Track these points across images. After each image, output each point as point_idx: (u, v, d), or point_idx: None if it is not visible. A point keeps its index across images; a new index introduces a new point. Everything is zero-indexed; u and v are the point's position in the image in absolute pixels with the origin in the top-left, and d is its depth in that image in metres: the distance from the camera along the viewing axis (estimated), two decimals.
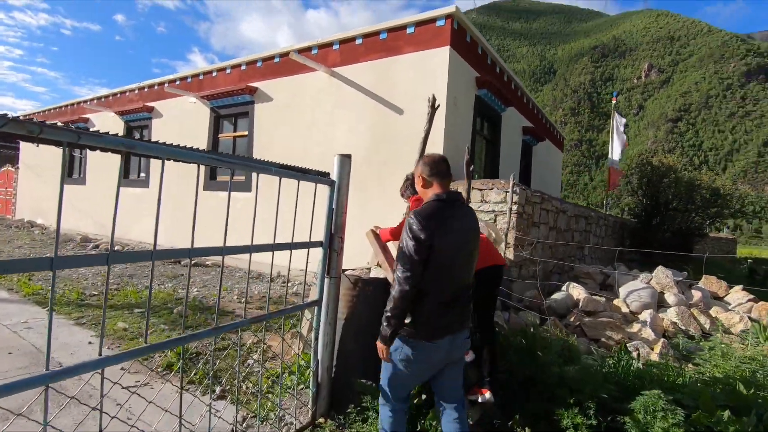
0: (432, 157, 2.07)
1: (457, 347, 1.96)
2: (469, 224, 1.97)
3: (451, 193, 1.98)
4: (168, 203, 10.11)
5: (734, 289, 5.20)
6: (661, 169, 10.36)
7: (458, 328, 1.93)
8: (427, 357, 1.90)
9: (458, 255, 1.90)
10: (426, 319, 1.87)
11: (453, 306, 1.90)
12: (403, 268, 1.81)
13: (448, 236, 1.86)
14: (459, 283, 1.92)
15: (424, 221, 1.83)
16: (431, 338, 1.87)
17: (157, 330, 4.12)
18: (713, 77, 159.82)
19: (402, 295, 1.80)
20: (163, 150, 1.47)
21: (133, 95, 11.78)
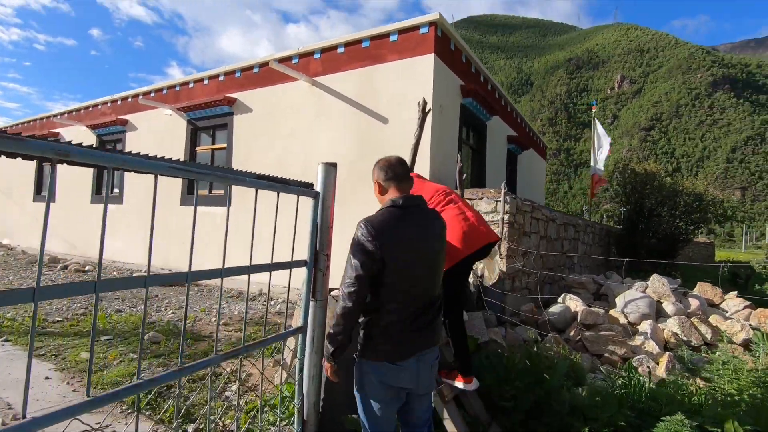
0: (387, 160, 1.87)
1: (426, 369, 1.74)
2: (431, 231, 1.75)
3: (410, 198, 1.76)
4: (142, 220, 9.65)
5: (729, 295, 5.11)
6: (643, 176, 10.44)
7: (424, 347, 1.71)
8: (394, 380, 1.68)
9: (419, 267, 1.69)
10: (387, 338, 1.67)
11: (416, 323, 1.68)
12: (347, 282, 1.63)
13: (404, 247, 1.65)
14: (422, 298, 1.71)
15: (374, 231, 1.63)
16: (394, 359, 1.66)
17: (125, 360, 3.76)
18: (682, 87, 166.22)
19: (343, 312, 1.64)
20: (108, 158, 1.21)
21: (106, 108, 11.33)
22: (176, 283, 8.34)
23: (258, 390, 3.16)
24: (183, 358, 1.61)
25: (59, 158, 1.10)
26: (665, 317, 4.42)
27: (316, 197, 2.23)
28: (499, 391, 2.40)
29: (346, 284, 1.65)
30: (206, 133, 9.21)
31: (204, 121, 8.98)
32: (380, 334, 1.68)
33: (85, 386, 3.04)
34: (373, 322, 1.70)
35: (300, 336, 2.22)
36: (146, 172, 1.37)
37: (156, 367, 3.61)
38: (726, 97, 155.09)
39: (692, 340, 3.95)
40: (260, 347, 1.92)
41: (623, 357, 3.53)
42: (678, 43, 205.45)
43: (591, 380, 2.94)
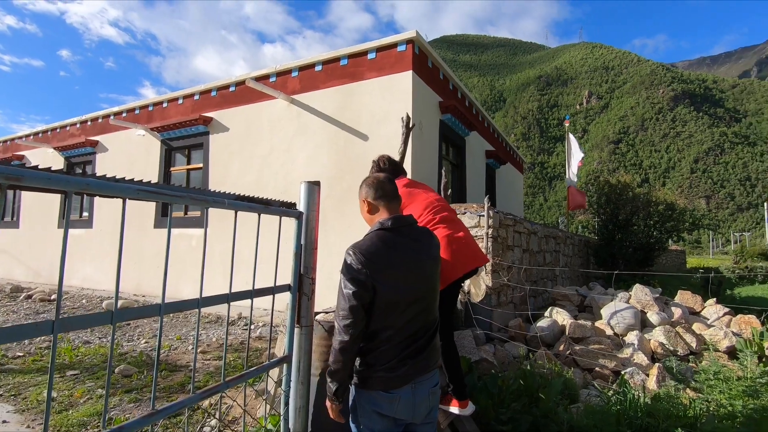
0: (376, 177, 1.78)
1: (424, 397, 1.62)
2: (425, 253, 1.66)
3: (400, 218, 1.67)
4: (114, 244, 9.25)
5: (709, 302, 5.20)
6: (618, 187, 10.72)
7: (421, 373, 1.61)
8: (390, 410, 1.56)
9: (413, 291, 1.59)
10: (381, 366, 1.57)
11: (411, 348, 1.59)
12: (341, 314, 1.53)
13: (397, 272, 1.56)
14: (418, 322, 1.62)
15: (363, 259, 1.53)
16: (388, 388, 1.55)
17: (94, 396, 3.49)
18: (646, 102, 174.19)
19: (342, 347, 1.53)
20: (68, 182, 1.08)
21: (75, 129, 10.95)
22: None
23: (239, 424, 2.96)
24: (157, 392, 1.46)
25: (10, 183, 0.98)
26: (650, 327, 4.44)
27: (299, 217, 2.13)
28: (495, 414, 2.30)
29: (340, 316, 1.54)
30: (181, 153, 8.98)
31: (179, 141, 8.76)
32: (375, 363, 1.58)
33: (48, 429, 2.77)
34: (368, 350, 1.60)
35: (285, 366, 2.08)
36: (113, 197, 1.25)
37: (127, 404, 3.36)
38: (687, 111, 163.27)
39: (678, 349, 3.96)
40: (242, 381, 1.77)
41: (614, 370, 3.50)
42: (640, 60, 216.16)
43: (585, 397, 2.88)
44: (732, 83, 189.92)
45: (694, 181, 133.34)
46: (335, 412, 1.65)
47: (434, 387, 1.66)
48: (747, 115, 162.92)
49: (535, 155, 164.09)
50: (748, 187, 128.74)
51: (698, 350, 3.98)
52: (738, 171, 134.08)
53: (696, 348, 3.99)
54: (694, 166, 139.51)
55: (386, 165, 2.74)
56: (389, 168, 2.74)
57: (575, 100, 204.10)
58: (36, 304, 7.84)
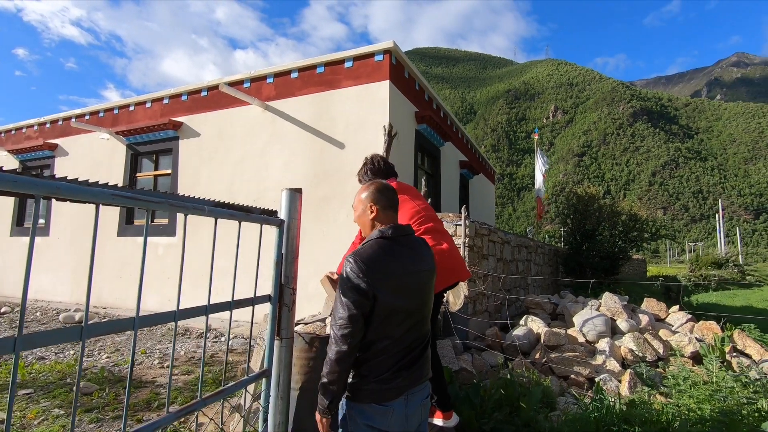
0: (387, 186, 1.75)
1: (415, 410, 1.59)
2: (422, 264, 1.64)
3: (400, 228, 1.65)
4: (71, 253, 8.76)
5: (672, 309, 5.41)
6: (585, 198, 11.12)
7: (413, 385, 1.58)
8: (383, 423, 1.52)
9: (410, 301, 1.57)
10: (375, 378, 1.53)
11: (405, 360, 1.56)
12: (339, 323, 1.49)
13: (396, 281, 1.54)
14: (413, 334, 1.59)
15: (364, 267, 1.49)
16: (381, 400, 1.51)
17: (50, 417, 3.24)
18: (607, 118, 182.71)
19: (339, 357, 1.48)
20: (37, 185, 0.99)
21: (32, 132, 10.36)
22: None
23: None
24: (121, 410, 1.35)
25: None
26: (620, 334, 4.57)
27: (280, 225, 2.06)
28: (478, 424, 2.29)
29: (338, 326, 1.49)
30: (148, 159, 8.65)
31: (146, 146, 8.44)
32: (368, 374, 1.53)
33: None
34: (362, 360, 1.55)
35: (264, 380, 2.00)
36: (85, 201, 1.15)
37: (88, 424, 3.14)
38: (645, 127, 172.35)
39: (647, 355, 4.09)
40: (220, 398, 1.68)
41: (588, 377, 3.57)
42: (602, 78, 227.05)
43: (563, 404, 2.91)
44: (685, 102, 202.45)
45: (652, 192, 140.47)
46: (325, 426, 1.57)
47: (425, 399, 1.63)
48: (699, 132, 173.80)
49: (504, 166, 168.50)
50: (701, 200, 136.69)
51: (665, 356, 4.13)
52: (691, 184, 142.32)
53: (663, 354, 4.14)
54: (652, 179, 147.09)
55: (381, 164, 2.69)
56: (384, 168, 2.69)
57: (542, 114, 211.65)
58: None
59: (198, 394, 1.61)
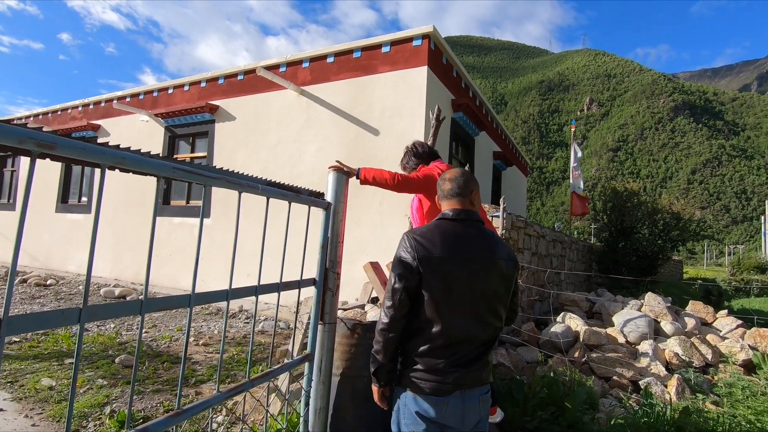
0: (450, 177, 1.66)
1: (473, 405, 1.51)
2: (488, 251, 1.52)
3: (463, 211, 1.56)
4: (113, 230, 9.09)
5: (720, 314, 5.13)
6: (624, 194, 10.66)
7: (471, 385, 1.49)
8: (435, 415, 1.46)
9: (467, 289, 1.47)
10: (428, 367, 1.47)
11: (461, 356, 1.47)
12: (386, 295, 1.52)
13: (451, 264, 1.46)
14: (471, 327, 1.48)
15: (414, 243, 1.47)
16: (434, 392, 1.45)
17: (94, 387, 3.36)
18: (646, 112, 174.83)
19: (381, 328, 1.50)
20: (104, 154, 0.97)
21: (77, 112, 10.75)
22: None
23: (246, 422, 2.85)
24: (160, 384, 1.34)
25: (42, 151, 0.86)
26: (663, 336, 4.35)
27: (327, 208, 2.02)
28: (521, 422, 2.20)
29: (385, 299, 1.52)
30: (185, 141, 8.82)
31: (183, 128, 8.60)
32: (421, 362, 1.47)
33: (47, 418, 2.63)
34: (414, 346, 1.50)
35: (307, 365, 1.97)
36: (147, 174, 1.13)
37: (130, 396, 3.23)
38: (686, 122, 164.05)
39: (694, 360, 3.88)
40: (266, 380, 1.66)
41: (631, 380, 3.41)
42: (642, 69, 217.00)
43: (607, 407, 2.78)
44: (732, 96, 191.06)
45: (691, 191, 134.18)
46: (377, 394, 1.60)
47: (485, 395, 1.55)
48: (746, 129, 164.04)
49: (534, 159, 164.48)
50: (744, 200, 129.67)
51: (714, 362, 3.90)
52: (734, 184, 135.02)
53: (712, 360, 3.91)
54: (692, 177, 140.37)
55: (426, 149, 2.70)
56: (428, 151, 2.70)
57: (576, 106, 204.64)
58: (32, 289, 7.68)
59: (241, 371, 1.59)
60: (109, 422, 2.72)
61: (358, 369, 2.16)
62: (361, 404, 2.13)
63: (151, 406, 3.05)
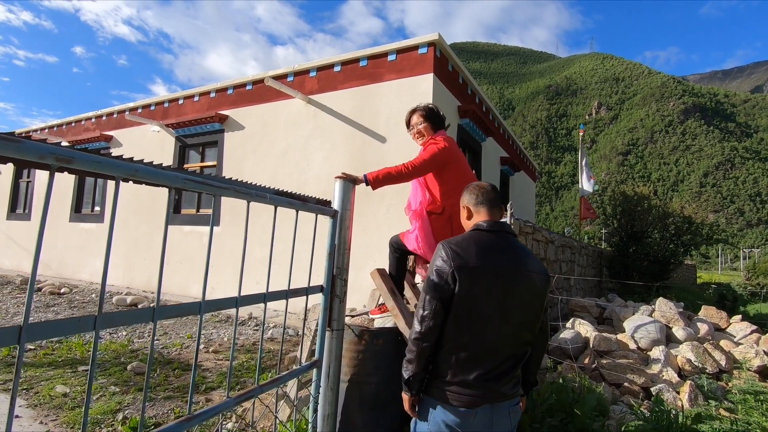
0: (479, 185, 1.72)
1: (503, 415, 1.50)
2: (521, 264, 1.52)
3: (498, 223, 1.58)
4: (124, 239, 9.23)
5: (734, 319, 5.05)
6: (634, 199, 10.56)
7: (501, 398, 1.48)
8: (464, 427, 1.46)
9: (501, 301, 1.46)
10: (457, 378, 1.46)
11: (494, 370, 1.46)
12: (420, 304, 1.51)
13: (486, 275, 1.46)
14: (503, 341, 1.48)
15: (451, 252, 1.48)
16: (466, 404, 1.44)
17: (107, 394, 3.41)
18: (656, 115, 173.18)
19: (414, 338, 1.50)
20: (118, 167, 1.01)
21: (90, 124, 10.99)
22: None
23: (255, 428, 2.87)
24: (171, 391, 1.36)
25: (60, 165, 0.90)
26: (675, 343, 4.30)
27: (334, 216, 2.05)
28: (530, 429, 2.19)
29: (420, 307, 1.51)
30: (195, 151, 8.96)
31: (193, 138, 8.74)
32: (450, 373, 1.47)
33: (62, 425, 2.67)
34: (444, 356, 1.50)
35: (315, 371, 1.99)
36: (159, 185, 1.17)
37: (141, 403, 3.27)
38: (697, 125, 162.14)
39: (707, 366, 3.82)
40: (275, 386, 1.69)
41: (642, 386, 3.37)
42: (651, 72, 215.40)
43: (618, 413, 2.76)
44: (744, 98, 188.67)
45: (703, 195, 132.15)
46: (407, 404, 1.59)
47: (514, 406, 1.54)
48: (758, 131, 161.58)
49: (542, 164, 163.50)
50: (759, 203, 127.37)
51: (728, 368, 3.84)
52: (748, 186, 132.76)
53: (725, 366, 3.85)
54: (704, 180, 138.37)
55: (439, 112, 2.66)
56: (442, 117, 2.65)
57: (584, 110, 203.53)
58: (46, 297, 7.81)
59: (250, 378, 1.62)
60: (122, 429, 2.76)
61: (365, 375, 2.18)
62: (368, 410, 2.15)
63: (163, 413, 3.09)
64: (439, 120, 2.66)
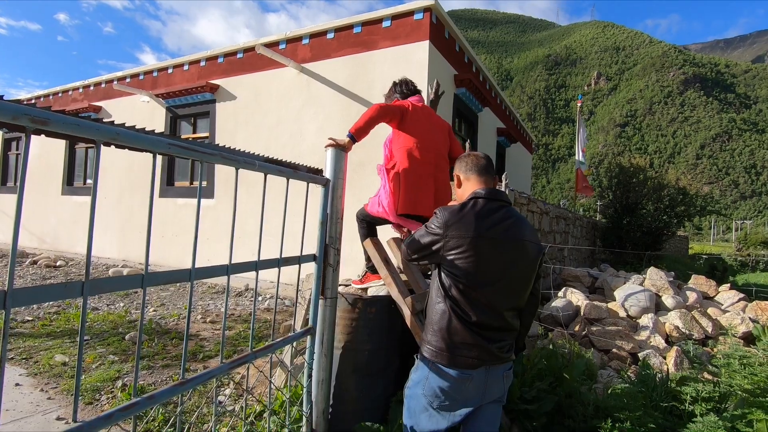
0: (471, 153, 1.74)
1: (497, 379, 1.55)
2: (516, 232, 1.52)
3: (495, 191, 1.59)
4: (117, 212, 9.18)
5: (723, 288, 5.15)
6: (630, 170, 10.55)
7: (496, 361, 1.52)
8: (457, 390, 1.49)
9: (496, 268, 1.49)
10: (451, 343, 1.49)
11: (487, 334, 1.50)
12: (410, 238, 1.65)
13: (480, 242, 1.47)
14: (497, 308, 1.51)
15: (445, 219, 1.52)
16: (462, 367, 1.48)
17: (105, 363, 3.46)
18: (655, 85, 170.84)
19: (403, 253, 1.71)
20: (98, 130, 0.97)
21: (78, 94, 10.71)
22: None
23: (252, 393, 2.94)
24: (168, 360, 1.38)
25: (36, 127, 0.87)
26: (665, 310, 4.39)
27: (326, 185, 2.03)
28: (520, 393, 2.25)
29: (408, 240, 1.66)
30: (187, 122, 8.79)
31: (184, 108, 8.55)
32: (446, 336, 1.50)
33: (62, 392, 2.72)
34: (439, 320, 1.52)
35: (309, 338, 2.02)
36: (142, 149, 1.14)
37: (140, 371, 3.33)
38: (696, 96, 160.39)
39: (694, 333, 3.92)
40: (270, 352, 1.71)
41: (630, 352, 3.46)
42: (652, 41, 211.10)
43: (605, 378, 2.84)
44: (745, 68, 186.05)
45: (700, 167, 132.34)
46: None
47: (508, 371, 1.59)
48: (758, 102, 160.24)
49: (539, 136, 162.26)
50: (753, 175, 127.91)
51: (714, 335, 3.94)
52: (744, 158, 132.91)
53: (712, 332, 3.95)
54: (700, 152, 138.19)
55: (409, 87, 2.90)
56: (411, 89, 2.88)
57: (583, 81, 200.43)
58: (42, 270, 7.83)
59: (247, 347, 1.64)
60: (121, 395, 2.82)
61: (359, 342, 2.21)
62: (362, 376, 2.19)
63: (161, 380, 3.15)
64: (409, 92, 2.86)
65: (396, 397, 2.18)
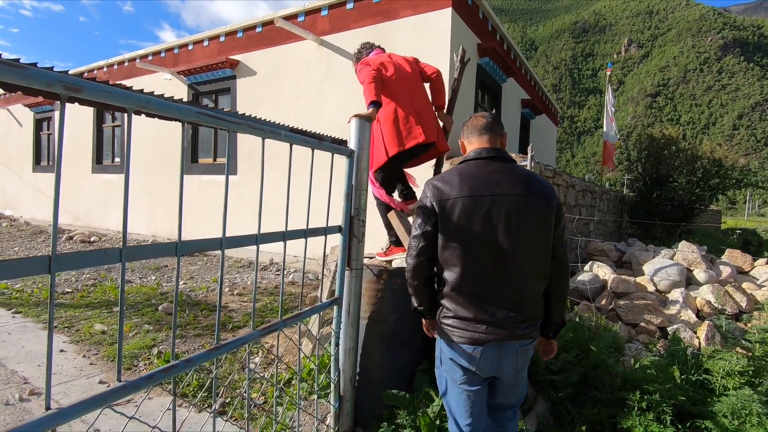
0: (472, 116, 1.67)
1: (510, 355, 1.44)
2: (517, 190, 1.41)
3: (489, 149, 1.51)
4: (146, 189, 9.43)
5: (759, 262, 4.95)
6: (661, 142, 10.09)
7: (506, 337, 1.41)
8: (470, 364, 1.44)
9: (495, 231, 1.39)
10: (457, 316, 1.45)
11: (492, 305, 1.41)
12: (408, 244, 1.60)
13: (470, 205, 1.40)
14: (497, 273, 1.41)
15: (432, 188, 1.50)
16: (468, 341, 1.42)
17: (141, 332, 3.63)
18: (691, 51, 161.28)
19: (408, 269, 1.55)
20: (129, 97, 0.97)
21: (102, 74, 10.85)
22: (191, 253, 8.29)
23: (281, 362, 3.03)
24: (200, 329, 1.43)
25: (69, 94, 0.87)
26: (696, 285, 4.27)
27: (350, 156, 2.01)
28: (546, 364, 2.25)
29: (410, 239, 1.56)
30: (208, 99, 8.84)
31: (206, 85, 8.59)
32: (449, 309, 1.49)
33: (102, 358, 2.86)
34: (442, 293, 1.52)
35: (336, 308, 2.05)
36: (171, 118, 1.14)
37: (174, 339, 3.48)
38: (736, 61, 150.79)
39: (727, 308, 3.81)
40: (297, 321, 1.74)
41: (659, 326, 3.40)
42: (689, 3, 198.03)
43: (633, 351, 2.80)
44: None
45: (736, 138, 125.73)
46: (425, 326, 1.73)
47: (525, 346, 1.47)
48: None
49: (565, 108, 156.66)
50: None
51: (748, 309, 3.82)
52: None
53: (746, 307, 3.83)
54: (737, 122, 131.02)
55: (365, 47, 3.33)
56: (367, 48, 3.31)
57: (613, 48, 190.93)
58: (77, 245, 8.18)
59: (273, 319, 1.67)
60: (157, 361, 2.96)
61: (384, 313, 2.24)
62: (387, 346, 2.23)
63: (194, 348, 3.29)
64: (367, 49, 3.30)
65: (421, 366, 2.21)
